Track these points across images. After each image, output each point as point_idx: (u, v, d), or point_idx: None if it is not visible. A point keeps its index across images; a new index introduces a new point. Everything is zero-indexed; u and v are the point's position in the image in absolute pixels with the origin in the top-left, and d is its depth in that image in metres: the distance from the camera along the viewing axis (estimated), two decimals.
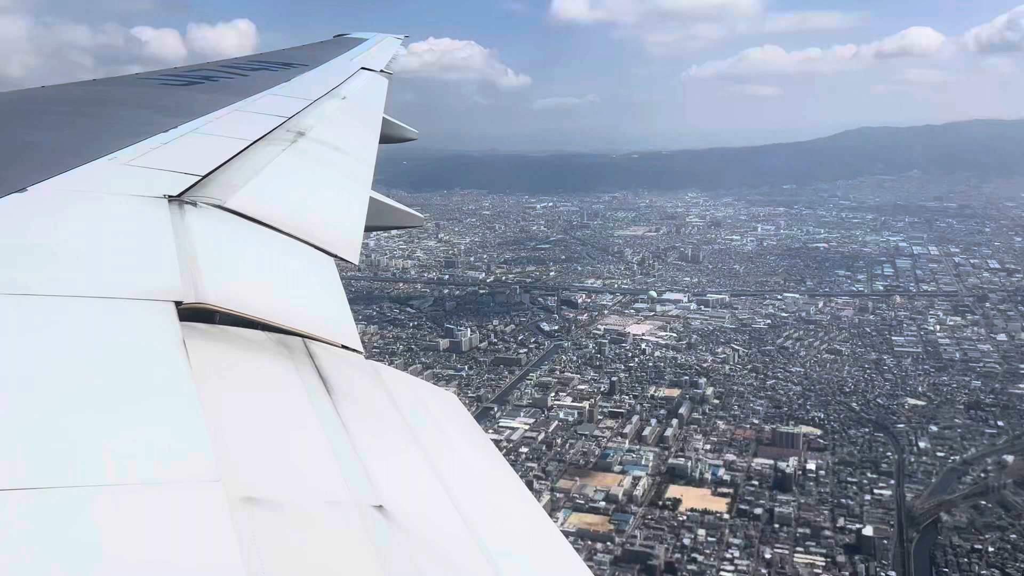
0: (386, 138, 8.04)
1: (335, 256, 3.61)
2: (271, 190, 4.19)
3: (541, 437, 64.98)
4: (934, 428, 65.10)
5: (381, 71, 11.45)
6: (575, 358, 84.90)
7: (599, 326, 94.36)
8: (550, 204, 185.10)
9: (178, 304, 2.29)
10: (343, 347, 2.57)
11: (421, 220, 7.51)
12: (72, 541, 1.27)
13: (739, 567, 47.45)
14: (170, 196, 3.39)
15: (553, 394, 73.76)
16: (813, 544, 49.54)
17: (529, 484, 57.06)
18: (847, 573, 46.60)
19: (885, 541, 49.55)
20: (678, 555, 48.68)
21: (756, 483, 57.30)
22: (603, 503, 54.82)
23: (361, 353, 2.63)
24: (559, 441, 64.66)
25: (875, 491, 55.90)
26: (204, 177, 3.81)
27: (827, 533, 50.54)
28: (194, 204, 3.39)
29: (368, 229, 4.52)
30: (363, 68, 11.04)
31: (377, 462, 1.82)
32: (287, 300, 2.91)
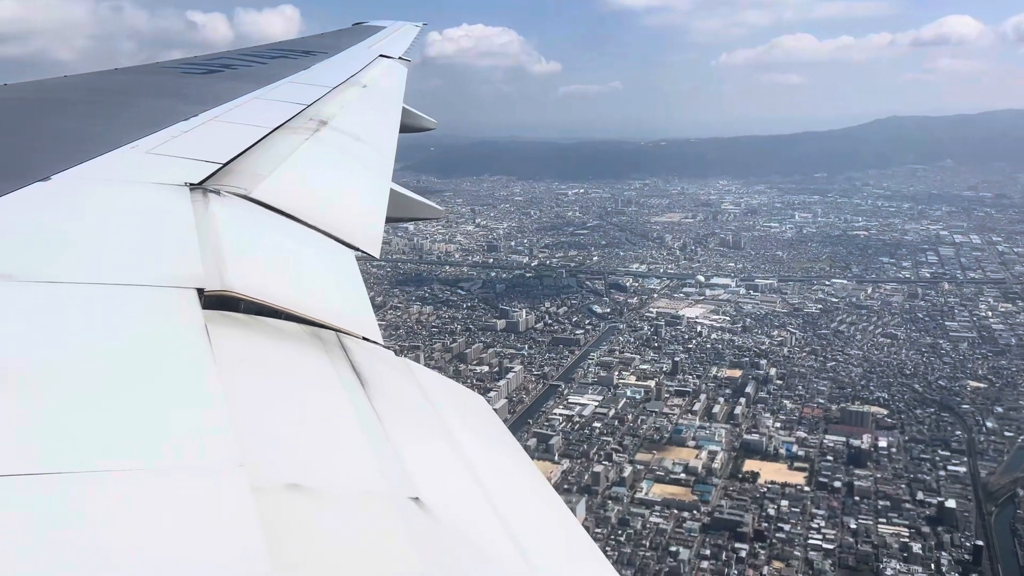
0: (405, 127, 8.00)
1: (356, 249, 3.61)
2: (293, 180, 4.17)
3: (612, 413, 66.75)
4: (999, 409, 66.34)
5: (399, 58, 11.43)
6: (632, 339, 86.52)
7: (651, 309, 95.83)
8: (581, 191, 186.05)
9: (200, 291, 2.30)
10: (363, 339, 2.63)
11: (441, 212, 7.47)
12: (89, 525, 1.27)
13: (826, 536, 49.13)
14: (192, 184, 3.42)
15: (616, 373, 75.45)
16: (895, 516, 51.16)
17: (608, 456, 58.94)
18: (933, 542, 48.22)
19: (966, 514, 51.11)
20: (765, 524, 50.41)
21: (831, 458, 58.88)
22: (683, 475, 56.55)
23: (388, 349, 2.70)
24: (630, 417, 66.41)
25: (948, 467, 57.40)
26: (225, 165, 3.84)
27: (907, 506, 52.11)
28: (217, 192, 3.39)
29: (388, 221, 4.53)
30: (381, 56, 10.91)
31: (412, 456, 1.85)
32: (310, 291, 2.93)
